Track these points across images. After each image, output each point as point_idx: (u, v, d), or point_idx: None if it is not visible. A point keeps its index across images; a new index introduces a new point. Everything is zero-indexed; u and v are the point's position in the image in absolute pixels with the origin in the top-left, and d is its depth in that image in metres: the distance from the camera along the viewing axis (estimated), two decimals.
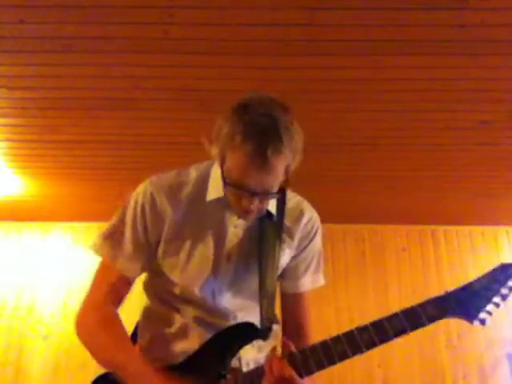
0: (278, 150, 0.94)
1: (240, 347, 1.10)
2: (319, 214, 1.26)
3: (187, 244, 1.12)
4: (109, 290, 1.14)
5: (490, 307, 1.01)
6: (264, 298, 1.13)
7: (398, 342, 0.99)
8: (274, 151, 0.94)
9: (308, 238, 1.22)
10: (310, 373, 0.99)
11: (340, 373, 3.51)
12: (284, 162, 0.97)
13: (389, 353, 3.73)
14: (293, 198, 1.24)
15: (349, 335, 0.99)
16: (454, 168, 3.17)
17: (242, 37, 2.04)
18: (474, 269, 3.99)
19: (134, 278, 1.17)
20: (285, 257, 1.19)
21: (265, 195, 1.01)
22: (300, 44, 2.08)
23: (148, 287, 1.24)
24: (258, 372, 1.02)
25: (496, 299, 1.01)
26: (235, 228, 1.14)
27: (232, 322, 1.15)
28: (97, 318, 1.12)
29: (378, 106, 2.51)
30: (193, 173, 1.17)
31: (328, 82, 2.33)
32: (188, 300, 1.15)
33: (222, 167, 1.01)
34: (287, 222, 1.18)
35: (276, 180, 0.99)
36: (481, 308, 1.00)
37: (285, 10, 1.91)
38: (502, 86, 2.33)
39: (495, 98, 2.42)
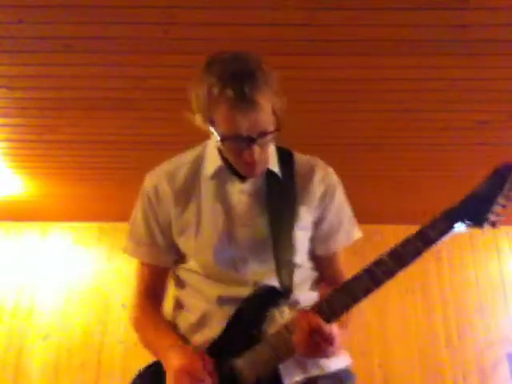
0: (256, 87, 0.95)
1: (265, 313, 1.07)
2: None
3: (195, 218, 1.12)
4: (144, 287, 1.19)
5: (497, 208, 0.96)
6: (280, 258, 1.10)
7: (398, 342, 0.99)
8: (251, 89, 0.94)
9: (327, 196, 1.18)
10: (336, 316, 0.97)
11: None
12: (266, 98, 0.97)
13: (389, 353, 3.73)
14: (302, 158, 1.21)
15: (367, 270, 1.00)
16: (454, 168, 3.17)
17: (242, 37, 2.04)
18: (474, 269, 4.00)
19: (163, 265, 1.19)
20: (303, 216, 1.14)
21: (262, 137, 0.99)
22: (300, 44, 2.08)
23: (173, 275, 1.23)
24: (289, 329, 0.99)
25: (501, 200, 0.96)
26: (241, 194, 1.12)
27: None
28: (139, 319, 1.18)
29: (378, 106, 2.51)
30: (188, 155, 1.20)
31: (328, 82, 2.33)
32: (209, 276, 1.13)
33: (212, 129, 1.01)
34: (298, 180, 1.16)
35: (265, 118, 0.98)
36: (487, 210, 0.96)
37: (285, 9, 1.91)
38: (501, 86, 2.33)
39: (495, 98, 2.42)
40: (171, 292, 1.24)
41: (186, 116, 1.09)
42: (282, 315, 1.08)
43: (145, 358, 1.15)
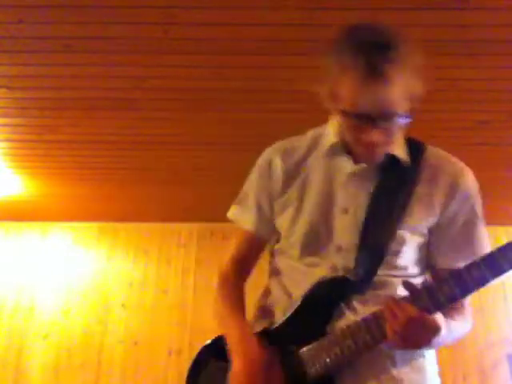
0: (393, 60, 0.85)
1: (334, 306, 0.99)
2: None
3: (297, 199, 1.08)
4: (239, 255, 1.17)
5: None
6: (364, 249, 0.99)
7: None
8: (387, 61, 0.85)
9: (457, 202, 1.02)
10: (439, 306, 0.87)
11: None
12: (401, 76, 0.86)
13: None
14: (438, 151, 1.09)
15: (488, 257, 0.88)
16: None
17: (242, 37, 2.04)
18: None
19: (263, 234, 1.16)
20: (415, 213, 1.00)
21: (386, 119, 0.89)
22: (300, 44, 2.08)
23: (272, 255, 1.19)
24: (375, 319, 0.92)
25: None
26: (351, 177, 1.03)
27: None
28: (220, 286, 1.16)
29: None
30: (308, 134, 1.15)
31: None
32: (303, 265, 1.06)
33: (336, 104, 0.93)
34: (426, 173, 1.03)
35: (394, 98, 0.87)
36: None
37: (285, 9, 1.91)
38: (502, 86, 2.33)
39: (495, 98, 2.42)
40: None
41: (312, 89, 0.98)
42: (353, 311, 1.00)
43: (145, 358, 1.15)
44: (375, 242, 1.00)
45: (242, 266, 1.18)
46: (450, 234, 1.04)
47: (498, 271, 0.86)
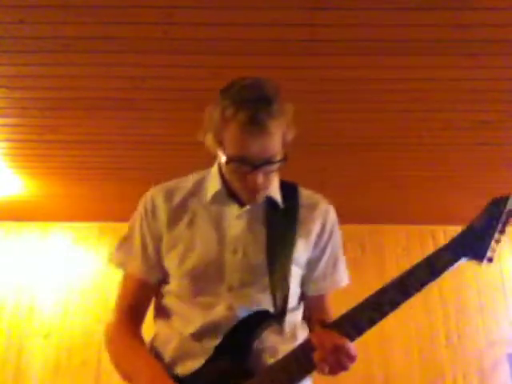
0: (271, 114, 0.96)
1: (255, 337, 1.04)
2: None
3: (185, 239, 1.10)
4: (129, 303, 1.14)
5: (492, 244, 1.02)
6: (275, 286, 1.07)
7: (398, 342, 0.99)
8: (267, 115, 0.95)
9: (326, 234, 1.17)
10: (361, 332, 0.97)
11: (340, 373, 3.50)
12: (279, 127, 0.98)
13: (389, 353, 3.74)
14: (306, 191, 1.22)
15: (395, 283, 0.98)
16: (454, 168, 3.17)
17: (241, 37, 2.04)
18: (474, 269, 3.99)
19: (152, 280, 1.15)
20: (300, 249, 1.12)
21: (267, 164, 0.99)
22: (300, 44, 2.08)
23: (158, 296, 1.18)
24: (304, 348, 0.97)
25: (496, 235, 1.02)
26: (237, 219, 1.10)
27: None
28: (116, 342, 1.12)
29: (378, 106, 2.51)
30: (191, 178, 1.19)
31: (328, 82, 2.33)
32: (186, 299, 1.09)
33: (220, 150, 1.01)
34: (300, 213, 1.15)
35: (275, 146, 0.99)
36: (486, 247, 1.01)
37: (285, 9, 1.91)
38: (501, 86, 2.33)
39: (495, 98, 2.42)
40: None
41: (198, 136, 1.07)
42: (272, 340, 1.07)
43: None
44: (279, 278, 1.07)
45: (135, 314, 1.15)
46: (320, 264, 1.18)
47: (407, 293, 0.97)
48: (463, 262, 1.02)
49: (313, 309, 1.21)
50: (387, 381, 3.70)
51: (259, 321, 1.05)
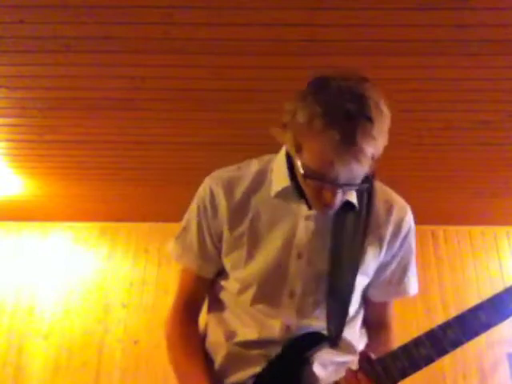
0: (369, 135, 0.81)
1: (306, 363, 0.99)
2: None
3: (248, 240, 1.02)
4: (186, 297, 1.12)
5: None
6: (334, 300, 0.99)
7: (398, 342, 0.99)
8: (363, 136, 0.80)
9: (399, 241, 1.05)
10: (392, 383, 0.90)
11: None
12: (374, 147, 0.84)
13: None
14: (382, 190, 1.10)
15: (431, 335, 0.92)
16: (454, 168, 3.17)
17: (241, 37, 2.04)
18: (474, 269, 3.99)
19: (209, 276, 1.10)
20: (369, 258, 1.02)
21: (350, 186, 0.88)
22: (300, 44, 2.08)
23: (214, 295, 1.13)
24: None
25: None
26: (307, 220, 0.99)
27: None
28: (173, 335, 1.10)
29: None
30: (253, 166, 1.07)
31: None
32: (252, 312, 1.03)
33: (297, 156, 0.89)
34: (374, 216, 1.03)
35: (364, 168, 0.86)
36: None
37: (285, 10, 1.91)
38: (502, 86, 2.33)
39: (495, 98, 2.42)
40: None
41: (272, 128, 0.95)
42: (326, 368, 1.01)
43: (145, 358, 1.14)
44: (340, 293, 1.00)
45: (192, 307, 1.12)
46: (388, 270, 1.07)
47: (440, 351, 0.92)
48: None
49: (374, 316, 1.14)
50: None
51: (311, 345, 1.00)
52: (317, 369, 1.00)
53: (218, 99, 2.39)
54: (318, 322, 1.01)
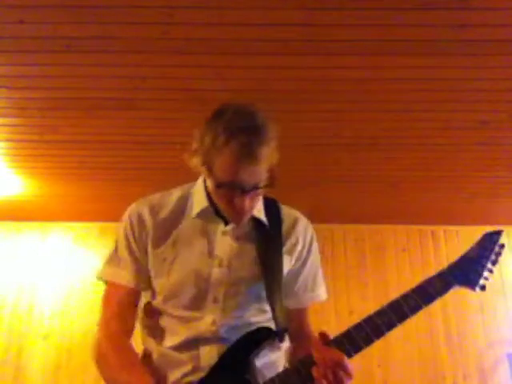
0: (262, 143, 1.00)
1: (255, 353, 1.09)
2: (319, 214, 1.26)
3: (170, 255, 1.14)
4: (116, 310, 1.18)
5: (485, 273, 1.10)
6: (275, 303, 1.14)
7: (398, 342, 1.00)
8: (258, 144, 0.99)
9: (306, 248, 1.24)
10: (359, 350, 1.02)
11: None
12: (267, 154, 1.02)
13: (389, 353, 3.73)
14: (286, 208, 1.27)
15: (393, 304, 1.05)
16: (454, 168, 3.17)
17: (241, 37, 2.04)
18: None
19: (139, 289, 1.18)
20: (284, 266, 1.18)
21: (255, 189, 1.04)
22: (300, 44, 2.08)
23: (147, 314, 1.22)
24: (305, 363, 1.02)
25: (489, 265, 1.10)
26: (224, 235, 1.15)
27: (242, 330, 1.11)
28: (106, 344, 1.14)
29: (378, 106, 2.51)
30: (175, 194, 1.23)
31: (328, 82, 2.33)
32: (178, 319, 1.13)
33: (209, 174, 1.05)
34: (285, 230, 1.21)
35: (262, 172, 1.03)
36: (479, 274, 1.09)
37: (285, 10, 1.91)
38: (501, 85, 2.33)
39: (495, 98, 2.42)
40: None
41: (183, 156, 1.13)
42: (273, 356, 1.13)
43: None
44: (277, 294, 1.14)
45: (123, 320, 1.17)
46: (300, 278, 1.24)
47: (402, 316, 1.04)
48: (457, 288, 1.08)
49: (292, 321, 1.23)
50: (387, 381, 3.70)
51: (261, 338, 1.10)
52: (258, 363, 1.10)
53: (217, 99, 2.38)
54: (241, 319, 1.12)
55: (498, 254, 1.12)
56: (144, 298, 1.21)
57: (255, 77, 2.30)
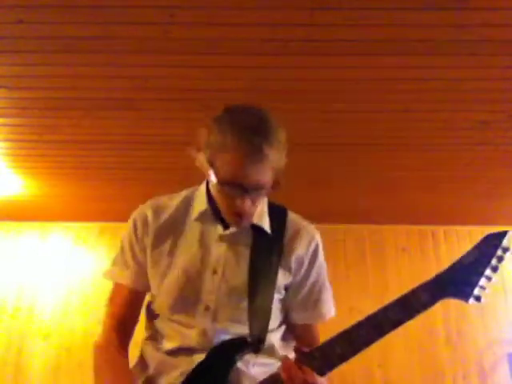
0: (271, 144, 0.98)
1: (231, 364, 1.07)
2: (319, 214, 1.25)
3: (167, 257, 1.14)
4: (118, 312, 1.19)
5: (482, 281, 0.94)
6: (254, 314, 1.10)
7: (398, 342, 0.99)
8: (267, 145, 0.98)
9: (308, 260, 1.18)
10: (332, 368, 0.97)
11: (340, 373, 3.50)
12: (275, 157, 1.00)
13: (389, 353, 3.73)
14: (293, 216, 1.23)
15: (371, 319, 0.98)
16: (454, 168, 3.17)
17: (241, 37, 2.04)
18: None
19: (141, 289, 1.20)
20: (281, 277, 1.14)
21: (257, 190, 1.02)
22: (300, 44, 2.08)
23: (147, 317, 1.24)
24: (274, 380, 0.99)
25: (487, 272, 0.94)
26: (220, 241, 1.14)
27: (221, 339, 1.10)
28: (100, 358, 1.15)
29: (378, 106, 2.51)
30: (178, 196, 1.22)
31: (328, 82, 2.33)
32: (166, 317, 1.14)
33: (213, 171, 1.03)
34: (285, 239, 1.17)
35: (267, 175, 1.01)
36: (474, 284, 0.94)
37: (285, 9, 1.91)
38: (501, 85, 2.33)
39: (495, 98, 2.42)
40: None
41: (188, 151, 1.11)
42: (248, 367, 1.10)
43: None
44: (260, 305, 1.10)
45: (125, 324, 1.18)
46: (303, 291, 1.19)
47: (381, 332, 0.97)
48: (446, 299, 0.97)
49: (298, 337, 1.22)
50: (387, 380, 3.70)
51: (236, 349, 1.08)
52: (241, 366, 1.08)
53: (217, 99, 2.39)
54: (233, 329, 1.10)
55: (500, 259, 0.94)
56: (147, 299, 1.23)
57: (255, 77, 2.30)
